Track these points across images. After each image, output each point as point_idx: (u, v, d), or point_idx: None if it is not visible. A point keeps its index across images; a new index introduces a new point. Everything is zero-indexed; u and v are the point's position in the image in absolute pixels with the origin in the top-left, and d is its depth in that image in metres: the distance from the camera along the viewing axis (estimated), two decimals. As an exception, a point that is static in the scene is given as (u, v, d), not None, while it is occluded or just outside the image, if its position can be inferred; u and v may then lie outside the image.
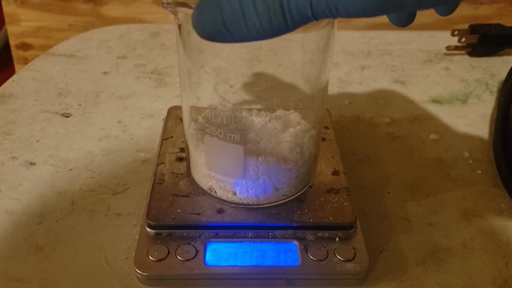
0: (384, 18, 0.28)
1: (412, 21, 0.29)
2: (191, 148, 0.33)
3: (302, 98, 0.32)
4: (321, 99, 0.32)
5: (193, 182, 0.34)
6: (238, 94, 0.31)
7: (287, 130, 0.32)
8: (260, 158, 0.30)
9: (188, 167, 0.35)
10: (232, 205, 0.32)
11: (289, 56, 0.29)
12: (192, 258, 0.30)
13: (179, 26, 0.29)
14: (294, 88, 0.31)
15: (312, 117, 0.32)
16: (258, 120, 0.32)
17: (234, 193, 0.32)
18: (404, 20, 0.29)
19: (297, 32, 0.20)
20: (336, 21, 0.29)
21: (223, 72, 0.30)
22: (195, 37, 0.21)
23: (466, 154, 0.41)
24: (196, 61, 0.30)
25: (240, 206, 0.32)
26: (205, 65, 0.30)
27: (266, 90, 0.32)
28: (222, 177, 0.31)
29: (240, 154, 0.30)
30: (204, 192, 0.33)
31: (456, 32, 0.57)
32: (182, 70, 0.31)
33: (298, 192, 0.33)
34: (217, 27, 0.20)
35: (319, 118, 0.33)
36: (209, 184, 0.33)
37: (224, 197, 0.32)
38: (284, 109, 0.32)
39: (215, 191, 0.33)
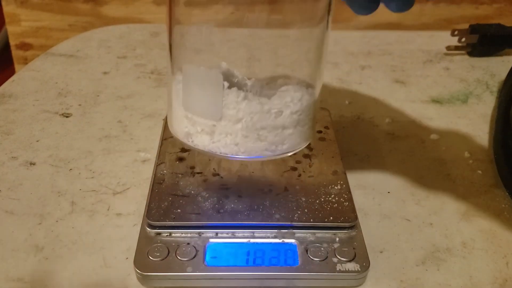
0: (384, 18, 0.28)
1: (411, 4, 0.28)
2: (170, 94, 0.31)
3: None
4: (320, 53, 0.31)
5: (192, 182, 0.34)
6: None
7: (278, 80, 0.30)
8: (241, 94, 0.28)
9: (169, 124, 0.32)
10: (210, 155, 0.30)
11: (285, 51, 0.29)
12: (192, 258, 0.30)
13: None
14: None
15: (308, 77, 0.31)
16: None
17: (212, 140, 0.29)
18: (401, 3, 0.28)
19: (291, 29, 0.20)
20: (330, 17, 0.29)
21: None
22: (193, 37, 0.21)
23: (466, 154, 0.42)
24: (194, 61, 0.29)
25: (218, 156, 0.30)
26: (203, 65, 0.29)
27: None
28: (199, 119, 0.29)
29: (219, 85, 0.27)
30: (203, 191, 0.33)
31: (456, 32, 0.57)
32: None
33: (284, 152, 0.31)
34: None
35: (317, 79, 0.31)
36: (186, 129, 0.30)
37: (201, 146, 0.30)
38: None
39: (191, 140, 0.30)
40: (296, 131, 0.31)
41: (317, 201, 0.33)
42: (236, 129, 0.29)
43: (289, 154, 0.31)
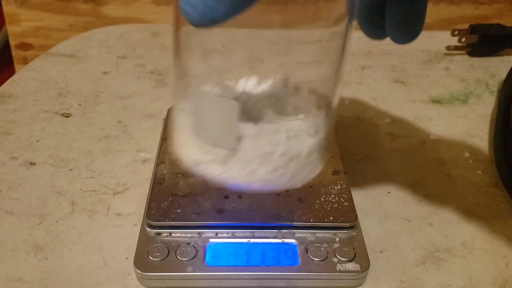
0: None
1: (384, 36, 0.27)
2: (176, 115, 0.29)
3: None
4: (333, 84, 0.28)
5: (192, 182, 0.34)
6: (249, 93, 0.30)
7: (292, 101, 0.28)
8: (255, 122, 0.26)
9: (175, 148, 0.30)
10: (220, 185, 0.27)
11: (291, 55, 0.28)
12: (192, 258, 0.30)
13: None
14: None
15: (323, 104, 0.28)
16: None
17: (223, 170, 0.27)
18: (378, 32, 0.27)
19: (302, 29, 0.19)
20: (352, 23, 0.27)
21: (223, 72, 0.30)
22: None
23: (466, 154, 0.41)
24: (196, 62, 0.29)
25: (230, 187, 0.28)
26: (205, 66, 0.29)
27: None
28: (211, 147, 0.26)
29: (233, 112, 0.25)
30: (203, 191, 0.33)
31: (456, 32, 0.57)
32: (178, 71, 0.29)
33: (300, 181, 0.28)
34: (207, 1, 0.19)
35: (331, 108, 0.29)
36: (195, 157, 0.28)
37: (212, 175, 0.27)
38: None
39: (201, 168, 0.27)
40: (316, 157, 0.28)
41: (317, 201, 0.33)
42: (250, 158, 0.26)
43: (305, 182, 0.29)
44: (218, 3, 0.19)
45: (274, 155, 0.26)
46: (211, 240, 0.31)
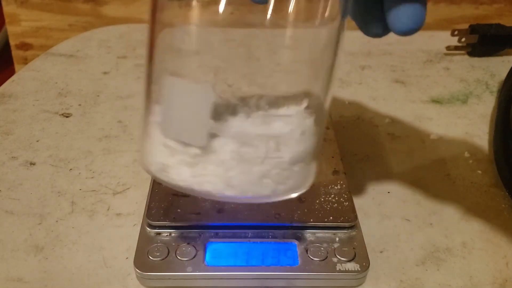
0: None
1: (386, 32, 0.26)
2: (143, 118, 0.26)
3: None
4: (325, 88, 0.26)
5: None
6: (237, 92, 0.30)
7: (280, 108, 0.24)
8: (236, 115, 0.23)
9: (139, 155, 0.26)
10: (189, 193, 0.24)
11: (287, 54, 0.28)
12: (192, 258, 0.30)
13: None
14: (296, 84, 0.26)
15: (313, 105, 0.25)
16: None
17: (193, 174, 0.23)
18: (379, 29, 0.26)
19: (295, 28, 0.19)
20: (345, 21, 0.26)
21: (221, 72, 0.29)
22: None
23: (466, 154, 0.41)
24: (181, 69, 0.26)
25: (199, 194, 0.24)
26: (203, 65, 0.28)
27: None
28: (178, 145, 0.23)
29: (206, 100, 0.21)
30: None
31: (456, 32, 0.57)
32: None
33: (285, 192, 0.24)
34: None
35: (322, 110, 0.26)
36: (160, 160, 0.24)
37: (178, 180, 0.23)
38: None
39: (166, 173, 0.23)
40: (302, 167, 0.25)
41: (317, 201, 0.33)
42: (226, 160, 0.23)
43: (292, 195, 0.25)
44: None
45: (254, 158, 0.23)
46: (211, 240, 0.31)
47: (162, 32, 0.25)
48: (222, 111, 0.23)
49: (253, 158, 0.23)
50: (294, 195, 0.26)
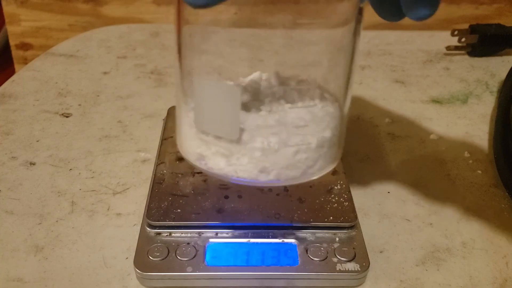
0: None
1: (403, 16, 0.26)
2: (178, 111, 0.28)
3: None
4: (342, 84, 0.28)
5: (192, 182, 0.34)
6: (265, 87, 0.29)
7: (303, 98, 0.27)
8: (263, 110, 0.25)
9: (178, 144, 0.29)
10: (225, 180, 0.27)
11: (290, 55, 0.28)
12: (192, 258, 0.30)
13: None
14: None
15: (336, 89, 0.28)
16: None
17: (229, 163, 0.26)
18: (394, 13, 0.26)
19: (303, 29, 0.19)
20: (361, 24, 0.27)
21: (224, 72, 0.30)
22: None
23: (466, 154, 0.41)
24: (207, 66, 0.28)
25: (235, 180, 0.26)
26: (207, 66, 0.29)
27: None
28: (213, 139, 0.25)
29: (235, 99, 0.24)
30: (203, 191, 0.33)
31: (456, 32, 0.57)
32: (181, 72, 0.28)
33: (312, 174, 0.27)
34: None
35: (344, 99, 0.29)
36: (198, 150, 0.27)
37: (216, 169, 0.26)
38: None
39: (205, 162, 0.26)
40: (328, 149, 0.27)
41: (317, 201, 0.33)
42: (257, 149, 0.25)
43: (322, 174, 0.28)
44: None
45: (283, 146, 0.25)
46: (211, 240, 0.31)
47: (189, 30, 0.27)
48: (250, 106, 0.26)
49: (282, 146, 0.26)
50: (323, 173, 0.28)
